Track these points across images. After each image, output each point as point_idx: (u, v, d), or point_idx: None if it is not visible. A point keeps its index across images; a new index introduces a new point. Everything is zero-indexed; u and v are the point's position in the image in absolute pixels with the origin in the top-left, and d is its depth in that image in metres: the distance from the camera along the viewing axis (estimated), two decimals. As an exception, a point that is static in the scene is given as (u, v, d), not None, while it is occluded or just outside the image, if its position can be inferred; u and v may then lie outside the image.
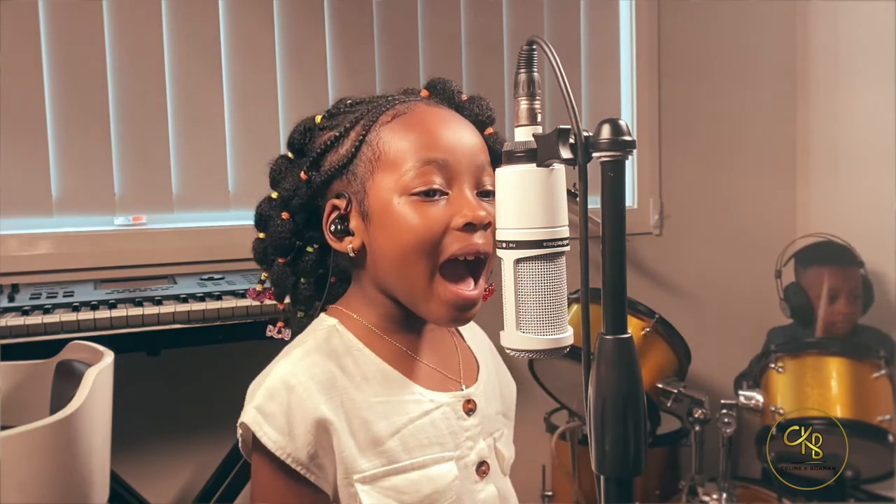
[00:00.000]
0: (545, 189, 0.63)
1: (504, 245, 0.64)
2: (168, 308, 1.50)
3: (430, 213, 0.78)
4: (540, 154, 0.63)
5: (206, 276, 1.82)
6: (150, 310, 1.49)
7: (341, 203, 0.83)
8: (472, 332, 0.97)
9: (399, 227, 0.78)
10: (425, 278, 0.78)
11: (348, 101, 0.89)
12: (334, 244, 0.84)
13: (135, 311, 1.47)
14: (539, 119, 0.66)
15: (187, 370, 1.90)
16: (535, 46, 0.65)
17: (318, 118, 0.88)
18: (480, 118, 0.88)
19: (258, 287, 0.93)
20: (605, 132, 0.58)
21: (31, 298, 1.56)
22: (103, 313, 1.45)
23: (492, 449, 0.89)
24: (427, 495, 0.80)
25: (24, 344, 1.39)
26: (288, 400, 0.77)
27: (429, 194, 0.78)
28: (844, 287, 2.15)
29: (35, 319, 1.41)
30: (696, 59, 2.59)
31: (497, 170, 0.66)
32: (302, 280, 0.89)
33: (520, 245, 0.63)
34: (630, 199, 2.53)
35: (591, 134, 0.59)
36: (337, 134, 0.84)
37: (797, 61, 2.73)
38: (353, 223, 0.83)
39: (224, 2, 1.99)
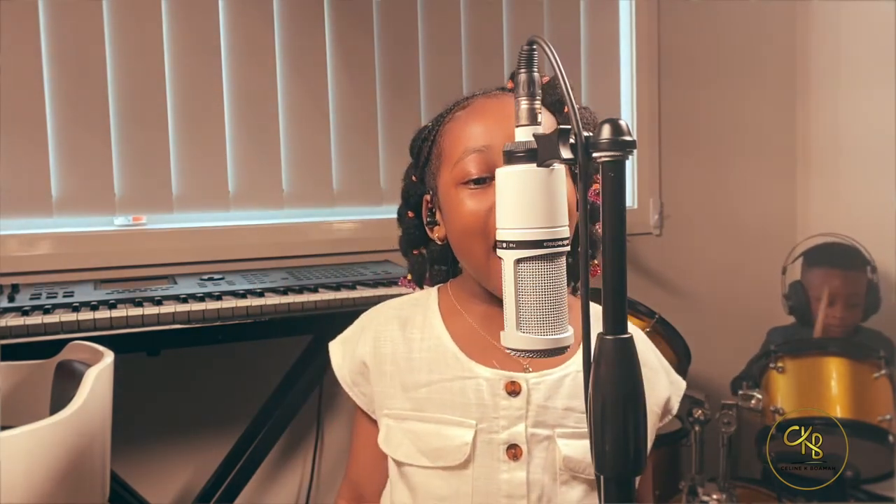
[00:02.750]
0: (545, 189, 0.63)
1: (504, 245, 0.64)
2: (168, 308, 1.50)
3: (479, 198, 0.86)
4: (540, 154, 0.63)
5: (206, 277, 1.82)
6: (150, 310, 1.49)
7: (429, 198, 0.97)
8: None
9: (454, 215, 0.89)
10: (484, 257, 0.86)
11: (452, 104, 0.98)
12: (430, 235, 0.98)
13: (135, 312, 1.47)
14: (539, 119, 0.66)
15: (187, 370, 1.89)
16: (535, 46, 0.65)
17: (429, 124, 0.99)
18: (550, 100, 0.92)
19: (408, 276, 1.06)
20: (605, 132, 0.58)
21: (31, 298, 1.56)
22: (103, 313, 1.45)
23: (542, 440, 0.88)
24: (435, 448, 0.89)
25: (24, 344, 1.38)
26: (357, 336, 0.98)
27: (477, 182, 0.86)
28: (844, 292, 2.13)
29: (35, 319, 1.41)
30: (696, 59, 2.59)
31: (497, 170, 0.66)
32: (435, 266, 1.02)
33: (520, 245, 0.63)
34: (630, 199, 2.53)
35: (591, 134, 0.59)
36: (423, 136, 0.97)
37: (797, 61, 2.73)
38: (438, 215, 0.96)
39: (224, 2, 1.99)
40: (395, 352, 0.94)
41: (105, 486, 1.10)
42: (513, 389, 0.88)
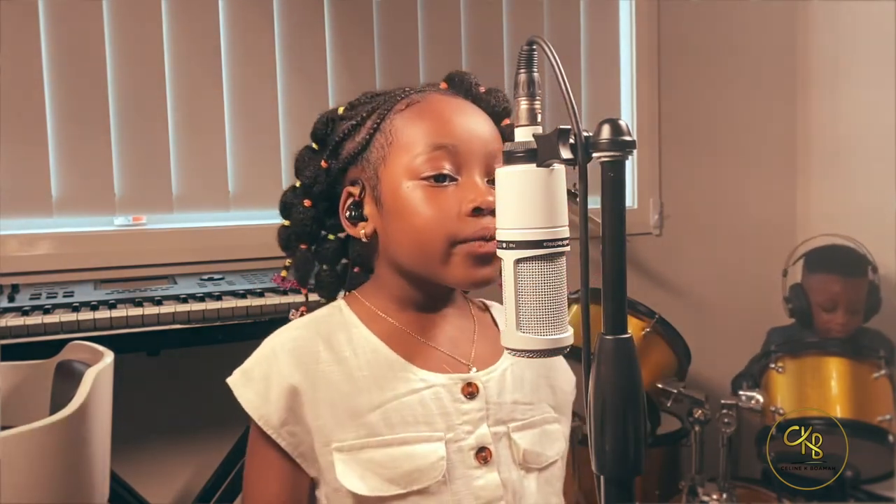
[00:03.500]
0: (545, 189, 0.63)
1: (504, 245, 0.64)
2: (168, 308, 1.50)
3: (440, 198, 0.81)
4: (540, 154, 0.63)
5: (206, 277, 1.82)
6: (150, 310, 1.49)
7: (356, 190, 0.87)
8: None
9: (409, 212, 0.82)
10: (444, 253, 0.81)
11: (369, 94, 0.92)
12: (350, 230, 0.88)
13: (135, 312, 1.47)
14: (539, 119, 0.66)
15: (187, 370, 1.89)
16: (535, 46, 0.65)
17: (341, 109, 0.92)
18: (496, 110, 0.90)
19: (283, 273, 0.97)
20: (605, 132, 0.58)
21: (31, 299, 1.56)
22: (103, 313, 1.45)
23: (501, 437, 0.86)
24: (407, 472, 0.81)
25: (24, 344, 1.39)
26: (269, 366, 0.83)
27: (438, 179, 0.81)
28: (845, 299, 2.12)
29: (35, 319, 1.41)
30: (696, 59, 2.59)
31: (497, 170, 0.66)
32: (324, 267, 0.93)
33: (520, 245, 0.63)
34: (630, 199, 2.53)
35: (591, 134, 0.59)
36: (354, 122, 0.88)
37: (797, 61, 2.74)
38: (367, 209, 0.87)
39: (224, 2, 1.99)
40: (330, 375, 0.83)
41: (105, 486, 1.10)
42: (470, 391, 0.85)
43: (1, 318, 1.40)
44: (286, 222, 0.94)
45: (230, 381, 0.86)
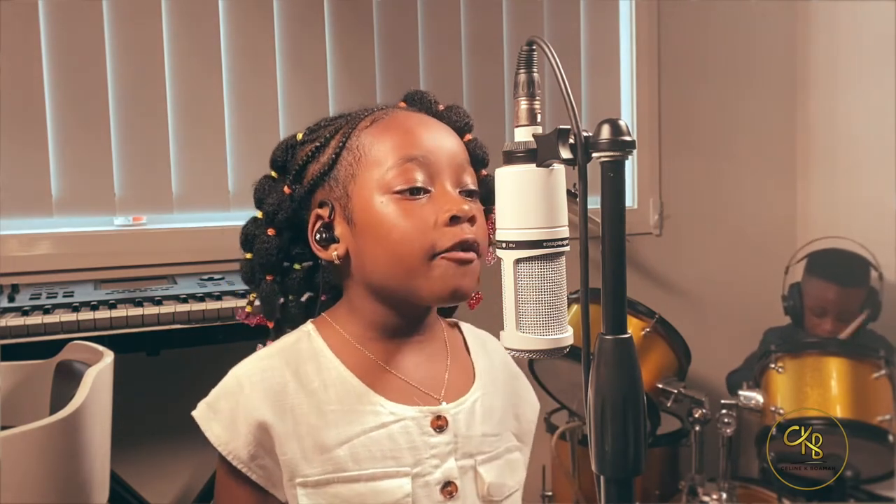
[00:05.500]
0: (545, 189, 0.63)
1: (504, 245, 0.64)
2: (168, 308, 1.50)
3: (416, 211, 0.79)
4: (540, 154, 0.63)
5: (206, 277, 1.82)
6: (150, 310, 1.49)
7: (324, 212, 0.84)
8: (484, 350, 0.94)
9: (385, 227, 0.80)
10: (422, 266, 0.79)
11: (328, 118, 0.91)
12: (320, 253, 0.85)
13: (135, 312, 1.48)
14: (539, 119, 0.66)
15: (187, 370, 1.89)
16: (534, 47, 0.65)
17: (299, 135, 0.90)
18: (458, 125, 0.89)
19: (247, 308, 0.94)
20: (605, 132, 0.58)
21: (31, 299, 1.56)
22: (103, 313, 1.45)
23: (467, 471, 0.85)
24: None
25: (24, 344, 1.39)
26: (236, 399, 0.81)
27: (412, 192, 0.80)
28: (836, 307, 2.13)
29: (35, 319, 1.41)
30: (696, 59, 2.59)
31: (497, 170, 0.66)
32: (290, 298, 0.91)
33: (519, 245, 0.63)
34: (630, 200, 2.53)
35: (590, 134, 0.59)
36: (318, 144, 0.86)
37: (797, 61, 2.73)
38: (338, 230, 0.84)
39: (224, 2, 1.99)
40: (298, 408, 0.81)
41: (105, 486, 1.10)
42: (439, 424, 0.83)
43: (1, 318, 1.40)
44: (248, 255, 0.92)
45: (195, 414, 0.84)
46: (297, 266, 0.91)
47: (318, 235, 0.85)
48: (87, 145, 1.88)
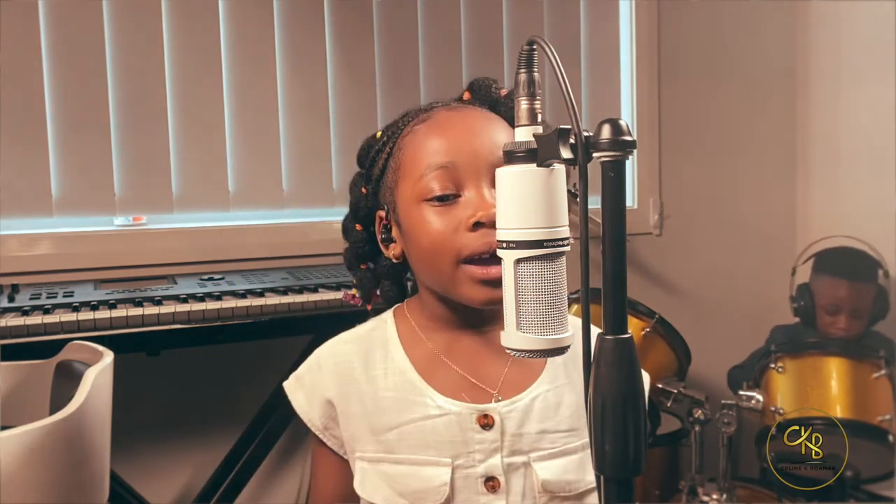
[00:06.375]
0: (545, 189, 0.63)
1: (504, 245, 0.64)
2: (168, 308, 1.50)
3: (445, 217, 0.83)
4: (540, 154, 0.63)
5: (206, 277, 1.82)
6: (150, 310, 1.49)
7: (383, 213, 0.92)
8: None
9: (419, 233, 0.85)
10: (451, 271, 0.83)
11: (402, 114, 0.94)
12: (385, 252, 0.93)
13: (135, 312, 1.47)
14: (539, 119, 0.66)
15: (187, 370, 1.89)
16: (535, 46, 0.65)
17: (378, 133, 0.95)
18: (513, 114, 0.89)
19: (353, 291, 1.02)
20: (606, 132, 0.58)
21: (31, 299, 1.56)
22: (103, 313, 1.45)
23: (518, 467, 0.86)
24: (414, 490, 0.86)
25: (24, 344, 1.39)
26: (314, 377, 0.93)
27: (442, 199, 0.83)
28: (849, 303, 2.10)
29: (35, 319, 1.41)
30: (696, 59, 2.59)
31: (497, 170, 0.66)
32: (386, 282, 0.97)
33: (520, 245, 0.63)
34: (630, 199, 2.53)
35: (591, 134, 0.59)
36: (378, 147, 0.92)
37: (797, 61, 2.73)
38: (394, 231, 0.91)
39: (224, 2, 1.99)
40: (360, 392, 0.89)
41: (105, 486, 1.10)
42: (485, 423, 0.85)
43: (1, 318, 1.40)
44: (347, 244, 0.99)
45: (286, 384, 0.94)
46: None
47: (380, 235, 0.93)
48: (88, 145, 1.88)
